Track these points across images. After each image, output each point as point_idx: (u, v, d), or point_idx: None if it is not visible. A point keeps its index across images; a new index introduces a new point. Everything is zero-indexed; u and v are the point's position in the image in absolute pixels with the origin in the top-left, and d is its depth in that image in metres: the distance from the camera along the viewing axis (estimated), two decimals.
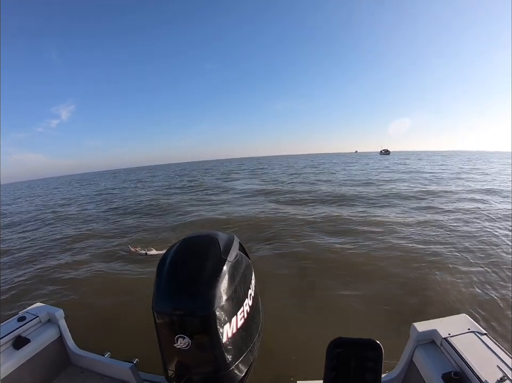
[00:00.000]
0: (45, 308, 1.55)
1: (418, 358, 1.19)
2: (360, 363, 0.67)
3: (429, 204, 9.54)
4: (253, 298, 1.02)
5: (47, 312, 1.51)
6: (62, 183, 50.66)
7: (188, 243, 0.96)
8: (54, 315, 1.50)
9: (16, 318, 1.43)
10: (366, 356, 0.67)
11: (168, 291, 0.83)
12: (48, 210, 14.21)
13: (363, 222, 7.25)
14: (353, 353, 0.67)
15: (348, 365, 0.67)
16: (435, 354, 1.16)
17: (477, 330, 1.18)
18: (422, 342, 1.21)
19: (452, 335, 1.15)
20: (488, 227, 6.52)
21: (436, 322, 1.25)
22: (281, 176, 23.51)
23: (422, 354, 1.18)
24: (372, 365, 0.66)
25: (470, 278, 4.06)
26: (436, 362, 1.12)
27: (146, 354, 1.73)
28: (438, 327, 1.20)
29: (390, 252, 5.09)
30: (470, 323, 1.22)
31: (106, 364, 1.45)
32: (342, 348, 0.67)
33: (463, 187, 12.98)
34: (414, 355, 1.22)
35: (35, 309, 1.53)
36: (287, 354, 2.61)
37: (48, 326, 1.50)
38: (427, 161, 39.42)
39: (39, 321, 1.47)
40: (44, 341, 1.44)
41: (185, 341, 0.80)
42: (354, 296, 3.66)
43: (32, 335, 1.41)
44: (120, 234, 7.84)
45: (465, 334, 1.16)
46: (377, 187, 13.75)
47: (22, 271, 5.39)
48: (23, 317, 1.44)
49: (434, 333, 1.19)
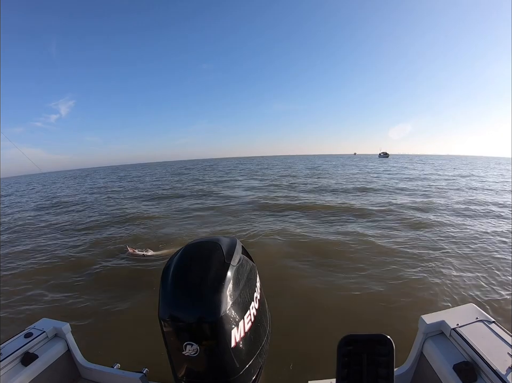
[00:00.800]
0: (51, 323, 1.54)
1: (428, 351, 1.19)
2: (372, 359, 0.67)
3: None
4: (259, 301, 1.02)
5: (53, 327, 1.50)
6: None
7: (191, 250, 0.96)
8: (61, 330, 1.49)
9: (23, 335, 1.42)
10: (377, 351, 0.66)
11: (173, 298, 0.83)
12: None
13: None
14: (364, 349, 0.67)
15: (360, 361, 0.67)
16: (444, 345, 1.15)
17: (485, 318, 1.17)
18: (431, 334, 1.21)
19: (460, 326, 1.14)
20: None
21: (444, 313, 1.25)
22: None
23: (432, 346, 1.17)
24: (384, 360, 0.66)
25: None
26: (446, 353, 1.12)
27: (155, 362, 1.73)
28: (446, 318, 1.19)
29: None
30: (478, 312, 1.22)
31: (116, 375, 1.44)
32: (353, 345, 0.67)
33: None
34: (424, 347, 1.21)
35: (41, 324, 1.53)
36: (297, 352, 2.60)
37: (56, 341, 1.49)
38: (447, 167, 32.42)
39: (46, 336, 1.46)
40: (52, 356, 1.43)
41: (193, 348, 0.80)
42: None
43: (39, 351, 1.40)
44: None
45: (474, 323, 1.16)
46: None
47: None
48: (29, 333, 1.43)
49: (443, 324, 1.19)
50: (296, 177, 21.52)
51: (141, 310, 3.50)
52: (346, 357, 0.67)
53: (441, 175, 22.08)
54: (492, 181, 17.69)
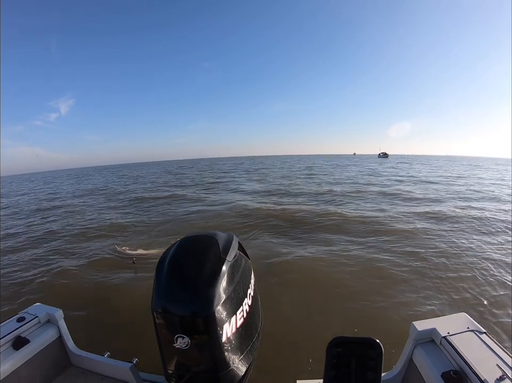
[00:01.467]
0: (44, 308, 1.54)
1: (418, 357, 1.19)
2: (361, 362, 0.67)
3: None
4: (252, 297, 1.02)
5: (46, 312, 1.50)
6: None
7: (187, 243, 0.96)
8: (54, 316, 1.49)
9: (16, 319, 1.43)
10: (366, 354, 0.67)
11: (167, 291, 0.83)
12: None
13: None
14: (353, 352, 0.67)
15: (348, 364, 0.67)
16: (434, 353, 1.16)
17: (476, 328, 1.18)
18: (421, 341, 1.21)
19: (451, 334, 1.15)
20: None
21: (435, 320, 1.25)
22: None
23: (421, 352, 1.18)
24: (372, 364, 0.66)
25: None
26: (435, 361, 1.12)
27: (145, 353, 1.73)
28: (437, 326, 1.20)
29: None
30: (470, 321, 1.22)
31: (106, 364, 1.44)
32: (342, 347, 0.67)
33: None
34: (414, 353, 1.22)
35: (34, 309, 1.53)
36: (287, 352, 2.60)
37: (48, 326, 1.50)
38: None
39: (38, 322, 1.46)
40: (43, 341, 1.43)
41: (185, 341, 0.80)
42: None
43: (31, 335, 1.41)
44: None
45: (465, 333, 1.16)
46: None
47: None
48: (22, 318, 1.43)
49: (433, 332, 1.19)
50: (295, 179, 19.48)
51: (135, 301, 3.51)
52: (335, 359, 0.67)
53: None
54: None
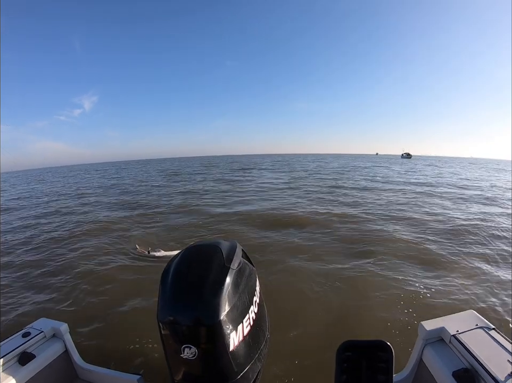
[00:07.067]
0: (49, 323, 1.54)
1: (427, 357, 1.18)
2: (371, 365, 0.66)
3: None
4: (258, 305, 1.01)
5: (52, 327, 1.49)
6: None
7: (191, 253, 0.96)
8: (59, 330, 1.48)
9: (21, 334, 1.42)
10: (376, 357, 0.66)
11: (172, 301, 0.83)
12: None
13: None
14: (363, 355, 0.67)
15: (359, 367, 0.66)
16: (444, 352, 1.15)
17: (485, 325, 1.17)
18: (430, 341, 1.20)
19: (460, 332, 1.14)
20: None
21: (444, 319, 1.24)
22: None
23: (431, 352, 1.17)
24: (383, 366, 0.65)
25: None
26: (445, 360, 1.11)
27: (152, 365, 1.72)
28: (446, 324, 1.19)
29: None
30: (478, 318, 1.22)
31: (113, 377, 1.43)
32: (352, 351, 0.67)
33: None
34: (424, 353, 1.21)
35: (39, 324, 1.52)
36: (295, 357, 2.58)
37: (53, 341, 1.49)
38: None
39: (43, 336, 1.45)
40: (49, 356, 1.42)
41: (192, 351, 0.79)
42: None
43: (37, 350, 1.40)
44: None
45: (474, 330, 1.15)
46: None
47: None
48: (27, 333, 1.43)
49: (442, 330, 1.18)
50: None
51: (141, 312, 3.49)
52: (345, 363, 0.66)
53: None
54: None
